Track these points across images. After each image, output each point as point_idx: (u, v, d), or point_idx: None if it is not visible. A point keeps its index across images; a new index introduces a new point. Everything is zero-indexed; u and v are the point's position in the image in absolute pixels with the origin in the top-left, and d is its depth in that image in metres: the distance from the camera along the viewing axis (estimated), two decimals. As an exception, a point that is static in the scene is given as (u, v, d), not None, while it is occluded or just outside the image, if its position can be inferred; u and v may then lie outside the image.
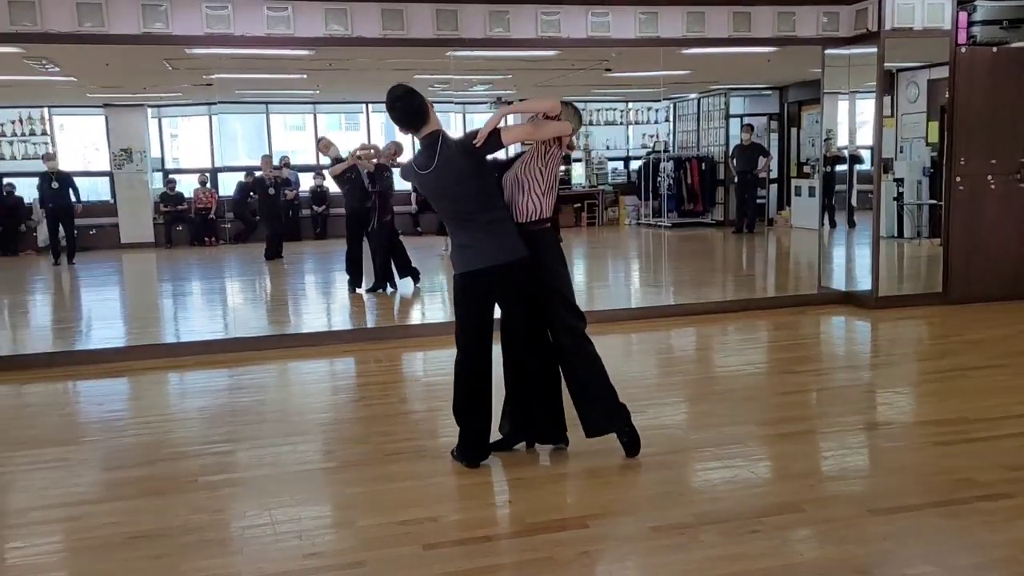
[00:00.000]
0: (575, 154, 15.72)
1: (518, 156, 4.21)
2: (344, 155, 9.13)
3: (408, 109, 3.80)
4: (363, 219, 8.95)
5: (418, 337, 7.01)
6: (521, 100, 4.16)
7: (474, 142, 3.76)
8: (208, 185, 13.64)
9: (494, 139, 3.78)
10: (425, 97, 3.81)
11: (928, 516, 3.37)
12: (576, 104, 4.15)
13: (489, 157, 3.91)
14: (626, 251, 13.67)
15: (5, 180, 12.86)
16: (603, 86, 13.17)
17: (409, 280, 9.10)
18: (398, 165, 8.74)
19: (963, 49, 7.48)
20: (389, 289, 8.94)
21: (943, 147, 7.92)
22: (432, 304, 8.88)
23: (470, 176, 3.82)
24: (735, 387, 5.37)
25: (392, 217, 9.05)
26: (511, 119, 4.75)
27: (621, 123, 16.01)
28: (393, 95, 3.80)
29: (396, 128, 3.95)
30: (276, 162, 12.38)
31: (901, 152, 11.32)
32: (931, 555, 3.06)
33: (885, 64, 7.55)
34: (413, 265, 9.10)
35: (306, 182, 13.44)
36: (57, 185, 11.46)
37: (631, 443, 4.06)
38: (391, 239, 9.00)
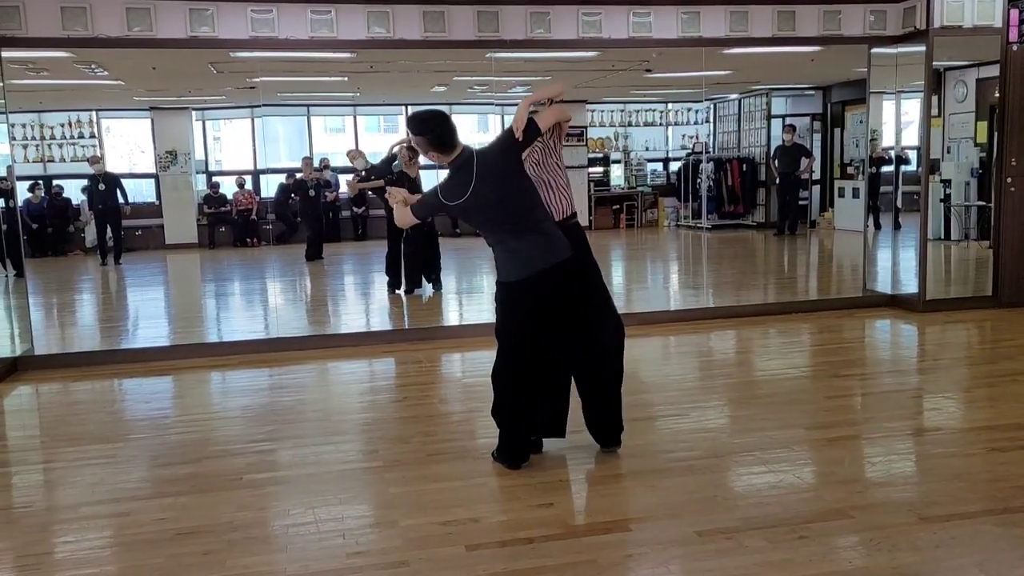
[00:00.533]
0: (614, 155, 15.67)
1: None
2: (375, 161, 9.15)
3: (445, 131, 3.73)
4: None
5: (457, 338, 7.02)
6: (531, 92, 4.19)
7: (516, 137, 3.76)
8: (246, 187, 13.83)
9: (532, 128, 3.81)
10: (449, 118, 3.79)
11: (982, 524, 3.29)
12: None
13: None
14: (665, 253, 13.58)
15: (54, 182, 13.16)
16: (643, 87, 13.11)
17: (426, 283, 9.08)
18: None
19: (1014, 47, 7.31)
20: (417, 290, 8.93)
21: (992, 147, 7.75)
22: (471, 305, 8.89)
23: (515, 176, 3.81)
24: (779, 391, 5.30)
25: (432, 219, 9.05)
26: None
27: (660, 124, 15.92)
28: (426, 116, 3.74)
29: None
30: (316, 164, 12.52)
31: (948, 153, 11.10)
32: (986, 564, 2.98)
33: (933, 63, 7.40)
34: (436, 273, 9.06)
35: (346, 184, 13.56)
36: (104, 187, 11.69)
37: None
38: (428, 241, 8.99)
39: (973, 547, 3.11)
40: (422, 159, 8.72)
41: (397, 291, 8.97)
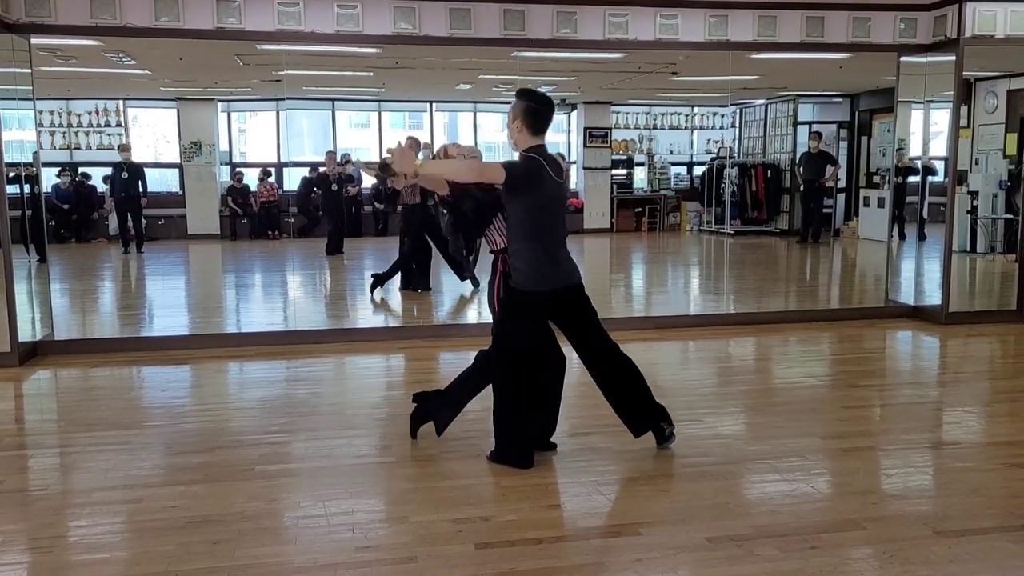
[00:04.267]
0: (638, 158, 15.63)
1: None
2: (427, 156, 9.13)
3: (544, 115, 3.92)
4: (427, 222, 8.87)
5: (473, 336, 6.99)
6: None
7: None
8: (270, 179, 13.91)
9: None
10: None
11: (999, 540, 3.23)
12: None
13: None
14: (687, 257, 13.51)
15: (80, 169, 13.31)
16: (668, 90, 13.05)
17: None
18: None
19: (1047, 58, 7.21)
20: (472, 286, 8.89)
21: (1022, 160, 7.64)
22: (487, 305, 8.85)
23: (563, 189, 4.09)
24: (796, 399, 5.25)
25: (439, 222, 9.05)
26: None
27: (685, 128, 15.84)
28: (549, 98, 3.97)
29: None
30: (338, 159, 12.55)
31: (976, 164, 10.97)
32: (1001, 582, 2.94)
33: (963, 72, 7.30)
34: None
35: (368, 179, 13.59)
36: (127, 175, 11.80)
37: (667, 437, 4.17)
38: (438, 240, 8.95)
39: (987, 563, 3.06)
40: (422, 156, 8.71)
41: (416, 289, 8.98)
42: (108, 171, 12.50)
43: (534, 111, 3.85)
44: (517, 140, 3.89)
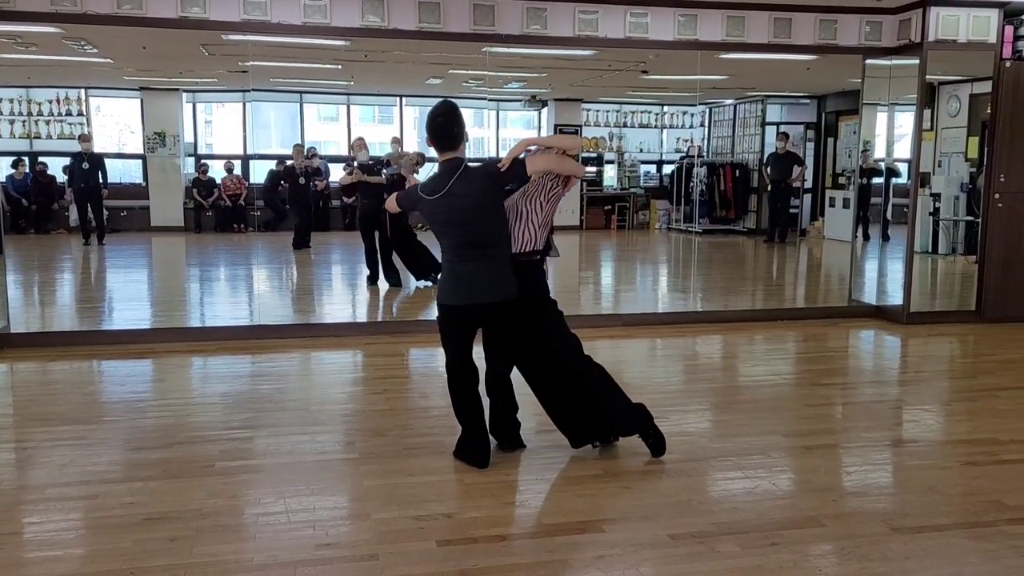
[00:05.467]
0: (608, 155, 15.68)
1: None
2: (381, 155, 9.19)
3: (447, 127, 3.79)
4: (374, 219, 8.93)
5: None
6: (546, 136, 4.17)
7: (498, 166, 3.80)
8: (235, 172, 13.74)
9: (518, 167, 3.81)
10: (465, 126, 3.83)
11: (954, 537, 3.28)
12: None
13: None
14: (655, 255, 13.57)
15: (40, 159, 13.05)
16: (639, 88, 13.10)
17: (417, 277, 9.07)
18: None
19: (1008, 63, 7.32)
20: (422, 283, 8.92)
21: (983, 163, 7.76)
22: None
23: (488, 202, 3.83)
24: (760, 397, 5.29)
25: (407, 218, 9.09)
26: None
27: (655, 126, 15.91)
28: (438, 109, 3.83)
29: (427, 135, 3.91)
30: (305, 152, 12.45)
31: (939, 167, 11.13)
32: (956, 578, 2.98)
33: (927, 76, 7.41)
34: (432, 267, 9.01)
35: (336, 173, 13.50)
36: (88, 166, 11.59)
37: (657, 444, 4.08)
38: (403, 239, 8.97)
39: (943, 560, 3.11)
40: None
41: (379, 283, 9.00)
42: (69, 161, 12.27)
43: (428, 125, 3.84)
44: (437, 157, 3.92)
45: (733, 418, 4.85)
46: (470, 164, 3.85)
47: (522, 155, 3.86)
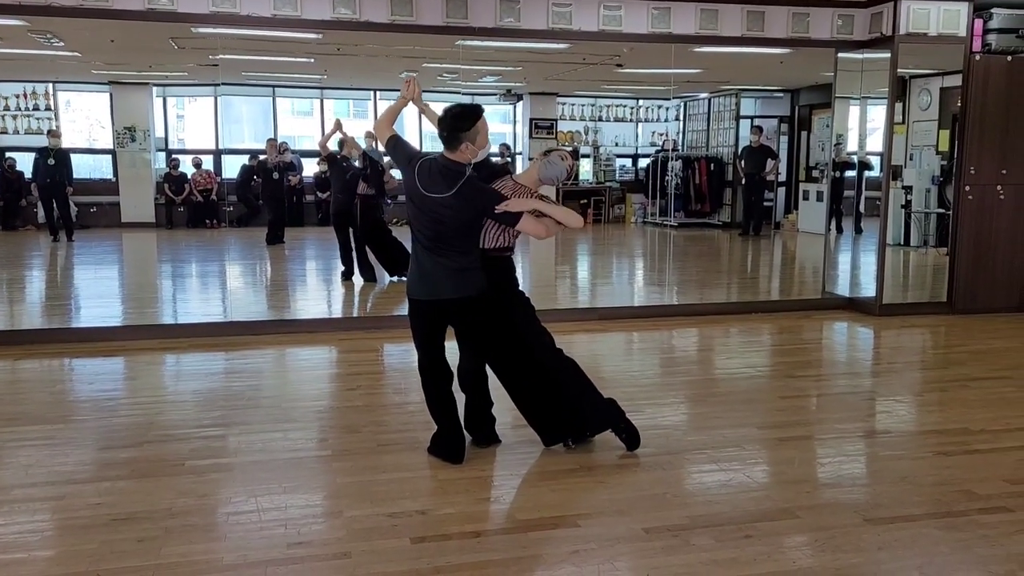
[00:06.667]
0: (583, 149, 15.67)
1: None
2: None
3: (456, 126, 3.71)
4: (347, 214, 8.89)
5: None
6: (553, 204, 4.13)
7: (495, 207, 3.74)
8: (204, 167, 13.58)
9: (511, 218, 3.77)
10: (477, 135, 3.72)
11: (925, 527, 3.31)
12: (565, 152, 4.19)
13: None
14: (631, 249, 13.59)
15: (7, 154, 12.81)
16: (614, 82, 13.08)
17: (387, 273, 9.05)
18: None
19: (977, 57, 7.39)
20: (392, 278, 8.91)
21: (953, 156, 7.83)
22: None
23: (472, 220, 3.80)
24: (735, 390, 5.31)
25: (381, 213, 9.07)
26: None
27: (630, 120, 15.90)
28: (450, 110, 3.75)
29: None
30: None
31: (911, 160, 11.22)
32: (927, 567, 3.00)
33: (898, 70, 7.46)
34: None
35: (310, 168, 13.37)
36: (54, 162, 11.40)
37: (631, 438, 4.08)
38: (376, 235, 8.94)
39: (914, 550, 3.13)
40: None
41: (353, 279, 8.96)
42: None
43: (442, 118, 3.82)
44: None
45: (708, 411, 4.86)
46: (472, 176, 3.81)
47: (524, 209, 3.80)
